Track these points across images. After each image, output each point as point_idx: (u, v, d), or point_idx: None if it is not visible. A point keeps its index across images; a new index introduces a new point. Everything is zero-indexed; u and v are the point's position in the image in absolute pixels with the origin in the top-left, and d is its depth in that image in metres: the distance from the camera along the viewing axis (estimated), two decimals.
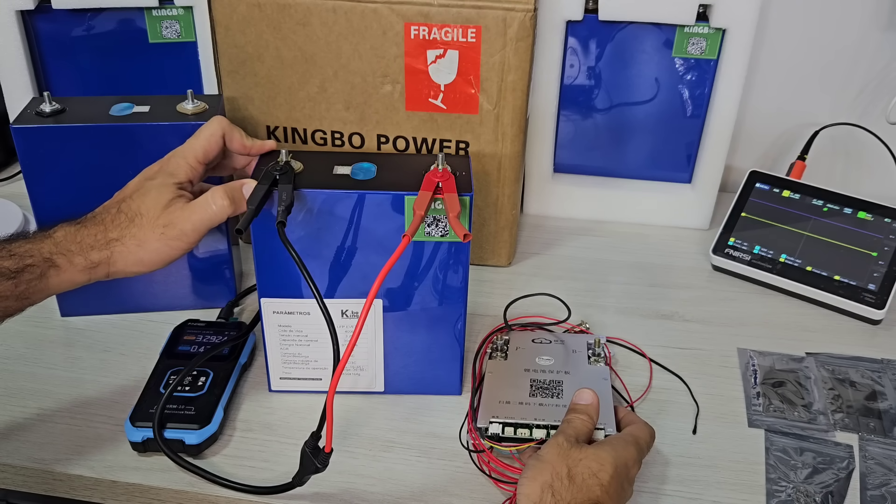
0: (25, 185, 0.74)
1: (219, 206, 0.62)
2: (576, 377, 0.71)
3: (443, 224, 0.64)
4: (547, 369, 0.72)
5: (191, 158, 0.66)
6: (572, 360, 0.74)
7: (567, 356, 0.74)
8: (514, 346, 0.75)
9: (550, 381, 0.71)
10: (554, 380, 0.71)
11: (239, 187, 0.64)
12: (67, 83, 0.96)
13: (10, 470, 0.66)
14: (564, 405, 0.67)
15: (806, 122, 1.01)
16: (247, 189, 0.64)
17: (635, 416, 0.67)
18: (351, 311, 0.68)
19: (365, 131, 0.83)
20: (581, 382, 0.69)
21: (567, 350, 0.75)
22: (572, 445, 0.59)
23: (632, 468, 0.60)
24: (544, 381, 0.71)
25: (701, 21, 0.88)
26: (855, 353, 0.79)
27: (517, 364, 0.73)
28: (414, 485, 0.65)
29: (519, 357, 0.74)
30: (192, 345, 0.75)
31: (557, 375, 0.71)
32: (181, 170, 0.65)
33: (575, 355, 0.74)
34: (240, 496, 0.63)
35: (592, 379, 0.71)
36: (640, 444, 0.62)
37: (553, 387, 0.70)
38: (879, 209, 0.87)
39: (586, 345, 0.76)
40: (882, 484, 0.66)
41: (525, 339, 0.77)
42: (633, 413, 0.68)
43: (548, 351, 0.75)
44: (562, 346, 0.76)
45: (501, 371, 0.72)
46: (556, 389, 0.70)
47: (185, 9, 0.92)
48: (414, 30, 0.77)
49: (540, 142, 0.96)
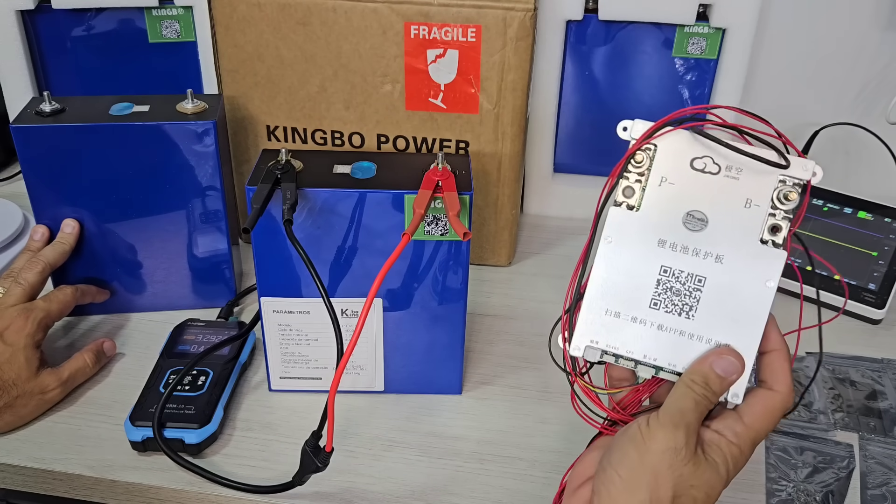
0: (25, 185, 0.73)
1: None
2: (728, 274, 0.49)
3: (443, 223, 0.64)
4: (692, 247, 0.50)
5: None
6: (738, 227, 0.50)
7: (733, 215, 0.50)
8: (657, 176, 0.51)
9: (688, 278, 0.50)
10: (694, 274, 0.50)
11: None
12: (67, 83, 0.96)
13: (10, 470, 0.66)
14: (693, 336, 0.50)
15: (806, 122, 1.01)
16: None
17: (784, 365, 0.49)
18: (351, 310, 0.68)
19: (365, 131, 0.83)
20: (731, 290, 0.49)
21: (738, 198, 0.50)
22: (689, 458, 0.46)
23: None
24: (681, 275, 0.50)
25: (701, 21, 0.88)
26: (855, 353, 0.79)
27: (652, 226, 0.50)
28: (414, 484, 0.65)
29: (659, 208, 0.50)
30: (191, 344, 0.75)
31: (703, 263, 0.49)
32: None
33: (747, 215, 0.50)
34: (240, 495, 0.63)
35: (751, 286, 0.49)
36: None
37: (688, 292, 0.50)
38: (879, 209, 0.87)
39: (773, 192, 0.50)
40: (882, 483, 0.66)
41: (682, 160, 0.50)
42: (783, 357, 0.50)
43: (707, 194, 0.50)
44: (734, 185, 0.50)
45: (625, 239, 0.51)
46: (690, 298, 0.50)
47: (185, 9, 0.93)
48: (414, 29, 0.77)
49: (540, 142, 0.96)
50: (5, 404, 0.66)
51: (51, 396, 0.69)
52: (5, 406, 0.66)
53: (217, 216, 0.78)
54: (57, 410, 0.70)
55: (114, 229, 0.77)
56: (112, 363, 0.76)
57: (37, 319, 0.69)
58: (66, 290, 0.74)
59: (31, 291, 0.71)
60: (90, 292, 0.77)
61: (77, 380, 0.71)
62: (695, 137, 0.50)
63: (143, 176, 0.74)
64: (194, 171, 0.75)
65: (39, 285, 0.73)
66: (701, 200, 0.50)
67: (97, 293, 0.78)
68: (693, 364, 0.49)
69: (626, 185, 0.51)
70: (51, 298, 0.72)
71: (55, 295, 0.73)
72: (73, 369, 0.71)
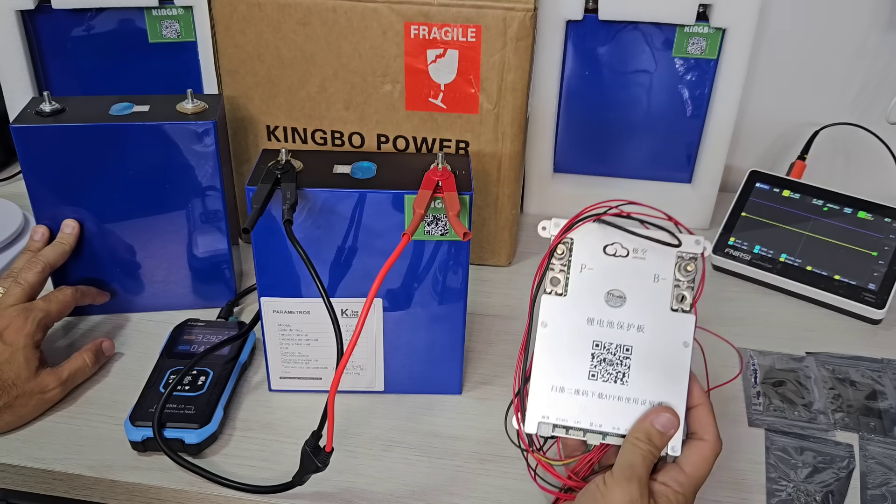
0: (25, 185, 0.73)
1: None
2: (650, 340, 0.56)
3: (443, 223, 0.64)
4: (616, 321, 0.57)
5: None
6: (651, 299, 0.57)
7: (646, 289, 0.57)
8: (577, 264, 0.58)
9: (617, 349, 0.57)
10: (622, 344, 0.57)
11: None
12: (67, 83, 0.96)
13: (10, 470, 0.66)
14: (629, 399, 0.56)
15: (806, 122, 1.01)
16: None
17: (708, 417, 0.56)
18: (351, 310, 0.68)
19: (365, 131, 0.83)
20: (654, 353, 0.56)
21: (647, 275, 0.57)
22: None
23: None
24: (610, 346, 0.57)
25: (701, 21, 0.88)
26: (855, 353, 0.79)
27: (579, 308, 0.57)
28: (414, 484, 0.65)
29: (583, 292, 0.57)
30: (191, 344, 0.75)
31: (628, 334, 0.57)
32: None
33: (657, 288, 0.57)
34: (240, 495, 0.63)
35: (669, 347, 0.56)
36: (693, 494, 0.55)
37: (619, 361, 0.56)
38: (879, 209, 0.87)
39: (675, 267, 0.57)
40: (882, 483, 0.66)
41: (596, 248, 0.58)
42: (707, 410, 0.56)
43: (621, 274, 0.57)
44: (643, 264, 0.57)
45: (558, 321, 0.57)
46: (622, 366, 0.56)
47: (185, 9, 0.93)
48: (414, 29, 0.77)
49: (540, 142, 0.96)
50: (5, 404, 0.66)
51: (50, 396, 0.69)
52: (5, 406, 0.66)
53: (217, 216, 0.78)
54: (57, 410, 0.70)
55: (114, 229, 0.77)
56: (112, 363, 0.76)
57: (36, 319, 0.69)
58: (65, 290, 0.74)
59: (31, 291, 0.71)
60: (90, 293, 0.77)
61: (76, 379, 0.71)
62: (603, 228, 0.58)
63: (143, 176, 0.74)
64: (194, 171, 0.75)
65: (39, 285, 0.73)
66: (617, 280, 0.57)
67: (97, 294, 0.78)
68: (635, 424, 0.56)
69: (553, 275, 0.58)
70: (50, 299, 0.72)
71: (55, 295, 0.73)
72: (72, 369, 0.71)
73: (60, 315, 0.73)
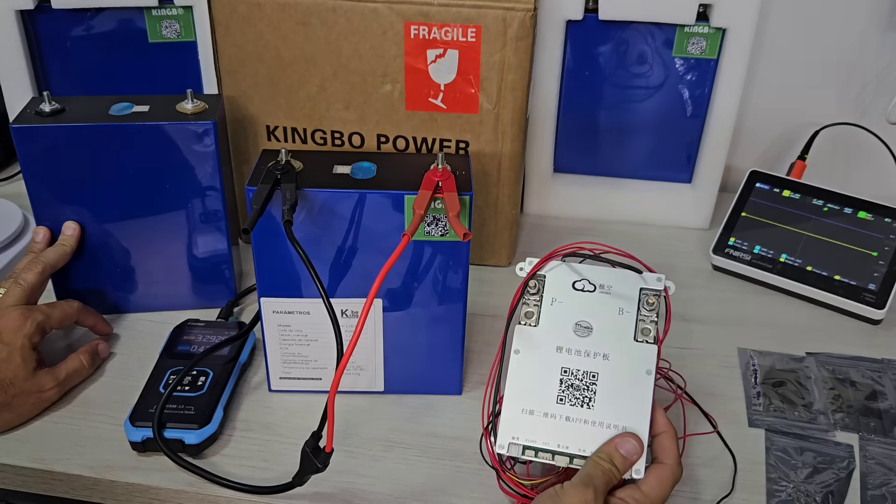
0: (25, 185, 0.73)
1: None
2: (614, 368, 0.61)
3: (443, 223, 0.64)
4: (583, 350, 0.61)
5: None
6: (616, 330, 0.62)
7: (611, 321, 0.62)
8: (549, 298, 0.63)
9: (584, 375, 0.61)
10: (588, 371, 0.61)
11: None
12: (67, 83, 0.96)
13: (10, 470, 0.66)
14: (594, 422, 0.59)
15: (806, 122, 1.01)
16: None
17: (671, 443, 0.59)
18: (351, 310, 0.68)
19: (365, 131, 0.83)
20: (618, 380, 0.60)
21: (613, 308, 0.62)
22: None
23: None
24: (577, 373, 0.61)
25: (701, 21, 0.88)
26: (855, 353, 0.79)
27: (550, 337, 0.62)
28: (414, 484, 0.65)
29: (553, 323, 0.62)
30: (191, 345, 0.75)
31: (594, 362, 0.61)
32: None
33: (621, 320, 0.62)
34: (240, 496, 0.63)
35: (633, 375, 0.60)
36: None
37: (585, 387, 0.60)
38: (879, 209, 0.86)
39: (638, 301, 0.62)
40: (882, 484, 0.66)
41: (566, 284, 0.63)
42: (671, 437, 0.59)
43: (589, 307, 0.62)
44: (609, 299, 0.63)
45: (530, 349, 0.62)
46: (588, 391, 0.60)
47: (185, 9, 0.93)
48: (414, 29, 0.77)
49: (540, 142, 0.96)
50: (3, 403, 0.66)
51: (48, 395, 0.69)
52: (3, 405, 0.66)
53: (217, 216, 0.78)
54: (57, 411, 0.70)
55: (113, 229, 0.77)
56: (112, 363, 0.76)
57: (35, 321, 0.69)
58: (72, 303, 0.75)
59: (31, 292, 0.71)
60: (94, 318, 0.77)
61: (74, 380, 0.72)
62: (571, 266, 0.64)
63: (142, 176, 0.74)
64: (194, 171, 0.75)
65: (39, 286, 0.73)
66: (585, 312, 0.62)
67: (101, 323, 0.78)
68: (602, 446, 0.58)
69: (527, 309, 0.63)
70: (54, 306, 0.73)
71: (60, 304, 0.74)
72: (69, 370, 0.71)
73: (61, 324, 0.73)
